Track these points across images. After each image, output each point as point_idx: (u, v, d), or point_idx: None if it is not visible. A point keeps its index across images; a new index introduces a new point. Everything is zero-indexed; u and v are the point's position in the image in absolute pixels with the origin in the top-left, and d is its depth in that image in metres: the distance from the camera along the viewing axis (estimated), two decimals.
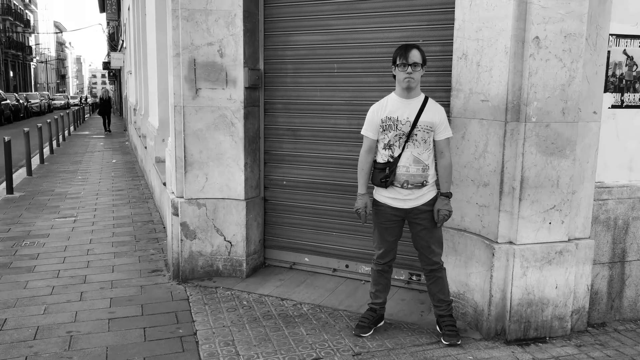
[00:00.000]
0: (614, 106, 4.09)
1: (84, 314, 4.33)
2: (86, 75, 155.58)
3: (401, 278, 4.74)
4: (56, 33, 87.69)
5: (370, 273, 4.07)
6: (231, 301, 4.52)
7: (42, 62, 76.59)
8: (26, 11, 66.90)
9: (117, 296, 4.69)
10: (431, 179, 3.73)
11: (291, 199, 5.16)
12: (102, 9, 33.41)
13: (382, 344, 3.78)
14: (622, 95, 4.11)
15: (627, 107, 4.13)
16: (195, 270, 5.00)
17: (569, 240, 3.89)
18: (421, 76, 3.66)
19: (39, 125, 14.68)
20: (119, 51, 30.44)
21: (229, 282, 4.90)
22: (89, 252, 5.93)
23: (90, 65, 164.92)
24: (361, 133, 3.81)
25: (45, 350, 3.75)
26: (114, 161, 13.93)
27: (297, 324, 4.09)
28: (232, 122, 4.82)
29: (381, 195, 3.79)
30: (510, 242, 3.80)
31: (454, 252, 4.09)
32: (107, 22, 37.76)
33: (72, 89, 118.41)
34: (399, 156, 3.66)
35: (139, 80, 14.10)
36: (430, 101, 3.72)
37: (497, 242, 3.80)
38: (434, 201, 3.74)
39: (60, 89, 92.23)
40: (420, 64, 3.60)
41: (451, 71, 4.02)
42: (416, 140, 3.65)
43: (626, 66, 4.08)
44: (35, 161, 13.12)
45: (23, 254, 5.87)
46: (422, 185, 3.69)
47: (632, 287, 4.29)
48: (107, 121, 24.59)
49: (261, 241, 5.24)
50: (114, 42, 35.88)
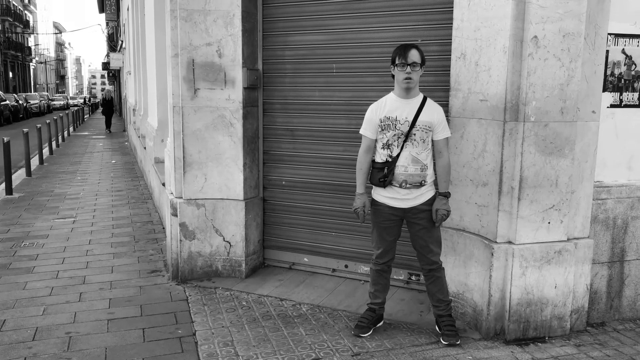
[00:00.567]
0: (612, 105, 4.09)
1: (83, 314, 4.33)
2: (85, 76, 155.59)
3: (400, 278, 4.74)
4: (55, 34, 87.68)
5: (369, 273, 4.07)
6: (230, 301, 4.52)
7: (41, 63, 76.56)
8: (25, 12, 66.88)
9: (116, 297, 4.69)
10: (429, 179, 3.73)
11: (290, 199, 5.15)
12: (102, 9, 33.45)
13: (382, 344, 3.78)
14: (620, 95, 4.11)
15: (626, 106, 4.13)
16: (194, 270, 4.99)
17: (568, 239, 3.89)
18: (420, 76, 3.66)
19: (39, 125, 14.68)
20: (118, 51, 30.44)
21: (228, 283, 4.90)
22: (88, 253, 5.93)
23: (90, 66, 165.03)
24: (360, 133, 3.80)
25: (44, 351, 3.74)
26: (113, 162, 13.93)
27: (297, 324, 4.09)
28: (231, 123, 4.82)
29: (380, 194, 3.79)
30: (509, 242, 3.79)
31: (453, 252, 4.09)
32: (107, 23, 37.80)
33: (72, 89, 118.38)
34: (398, 156, 3.66)
35: (138, 81, 14.10)
36: (429, 101, 3.72)
37: (496, 242, 3.80)
38: (432, 201, 3.74)
39: (60, 90, 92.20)
40: (419, 64, 3.60)
41: (450, 71, 4.02)
42: (415, 140, 3.65)
43: (625, 65, 4.08)
44: (35, 162, 13.10)
45: (22, 255, 5.87)
46: (420, 184, 3.69)
47: (632, 286, 4.29)
48: (109, 121, 25.45)
49: (260, 241, 5.24)
50: (113, 42, 35.88)
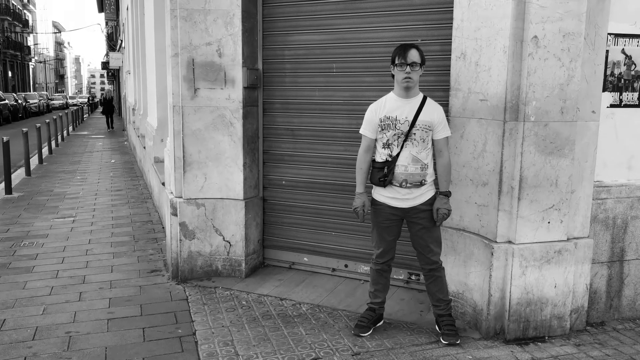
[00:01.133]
0: (612, 105, 4.09)
1: (83, 314, 4.33)
2: (85, 75, 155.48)
3: (400, 277, 4.74)
4: (55, 33, 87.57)
5: (369, 272, 4.07)
6: (230, 301, 4.52)
7: (40, 62, 76.53)
8: (25, 11, 66.85)
9: (116, 296, 4.69)
10: (430, 178, 3.74)
11: (290, 199, 5.16)
12: (101, 8, 33.44)
13: (382, 344, 3.79)
14: (620, 95, 4.11)
15: (626, 106, 4.13)
16: (194, 270, 5.00)
17: (567, 239, 3.90)
18: (420, 76, 3.66)
19: (38, 125, 14.68)
20: (118, 51, 30.43)
21: (228, 282, 4.90)
22: (87, 253, 5.93)
23: (89, 65, 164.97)
24: (360, 132, 3.80)
25: (44, 350, 3.74)
26: (112, 161, 13.92)
27: (296, 324, 4.09)
28: (231, 122, 4.82)
29: (380, 194, 3.79)
30: (509, 242, 3.80)
31: (453, 252, 4.09)
32: (106, 22, 37.78)
33: (71, 89, 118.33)
34: (398, 155, 3.66)
35: (137, 80, 14.09)
36: (429, 100, 3.72)
37: (496, 242, 3.81)
38: (432, 200, 3.74)
39: (59, 89, 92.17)
40: (419, 64, 3.60)
41: (450, 71, 4.02)
42: (415, 140, 3.65)
43: (625, 65, 4.08)
44: (34, 161, 13.09)
45: (22, 255, 5.86)
46: (420, 184, 3.69)
47: (631, 286, 4.29)
48: (110, 120, 26.42)
49: (260, 241, 5.24)
50: (112, 42, 35.86)
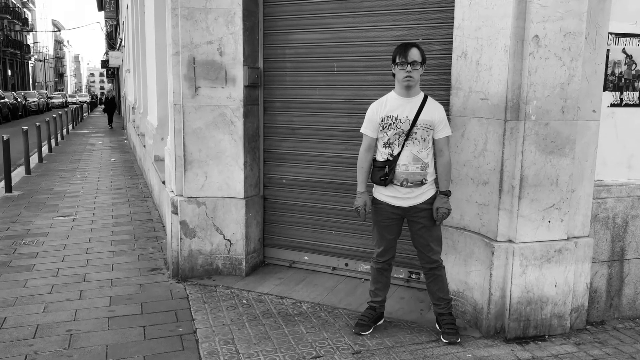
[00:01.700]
0: (613, 105, 4.10)
1: (83, 312, 4.33)
2: (84, 74, 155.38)
3: (401, 276, 4.75)
4: (54, 31, 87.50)
5: (370, 271, 4.07)
6: (231, 300, 4.52)
7: (40, 61, 76.45)
8: (24, 9, 66.74)
9: (117, 295, 4.69)
10: (430, 177, 3.74)
11: (291, 198, 5.16)
12: (101, 7, 33.44)
13: (382, 342, 3.79)
14: (621, 94, 4.11)
15: (626, 105, 4.14)
16: (194, 268, 5.00)
17: (568, 238, 3.90)
18: (421, 75, 3.67)
19: (38, 123, 14.68)
20: (118, 49, 30.42)
21: (229, 281, 4.90)
22: (88, 251, 5.93)
23: (89, 64, 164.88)
24: (360, 131, 3.81)
25: (45, 348, 3.75)
26: (112, 160, 13.92)
27: (297, 323, 4.10)
28: (232, 121, 4.82)
29: (380, 193, 3.79)
30: (510, 241, 3.80)
31: (454, 251, 4.10)
32: (106, 21, 37.74)
33: (70, 87, 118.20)
34: (399, 154, 3.66)
35: (137, 79, 14.09)
36: (430, 100, 3.72)
37: (496, 241, 3.81)
38: (433, 199, 3.74)
39: (59, 88, 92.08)
40: (419, 63, 3.61)
41: (451, 70, 4.02)
42: (415, 139, 3.65)
43: (625, 65, 4.08)
44: (34, 160, 13.09)
45: (22, 253, 5.87)
46: (421, 183, 3.69)
47: (631, 285, 4.30)
48: (110, 118, 27.03)
49: (260, 240, 5.24)
50: (112, 40, 35.83)
